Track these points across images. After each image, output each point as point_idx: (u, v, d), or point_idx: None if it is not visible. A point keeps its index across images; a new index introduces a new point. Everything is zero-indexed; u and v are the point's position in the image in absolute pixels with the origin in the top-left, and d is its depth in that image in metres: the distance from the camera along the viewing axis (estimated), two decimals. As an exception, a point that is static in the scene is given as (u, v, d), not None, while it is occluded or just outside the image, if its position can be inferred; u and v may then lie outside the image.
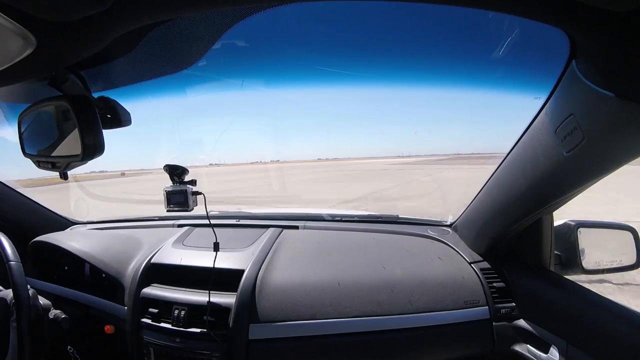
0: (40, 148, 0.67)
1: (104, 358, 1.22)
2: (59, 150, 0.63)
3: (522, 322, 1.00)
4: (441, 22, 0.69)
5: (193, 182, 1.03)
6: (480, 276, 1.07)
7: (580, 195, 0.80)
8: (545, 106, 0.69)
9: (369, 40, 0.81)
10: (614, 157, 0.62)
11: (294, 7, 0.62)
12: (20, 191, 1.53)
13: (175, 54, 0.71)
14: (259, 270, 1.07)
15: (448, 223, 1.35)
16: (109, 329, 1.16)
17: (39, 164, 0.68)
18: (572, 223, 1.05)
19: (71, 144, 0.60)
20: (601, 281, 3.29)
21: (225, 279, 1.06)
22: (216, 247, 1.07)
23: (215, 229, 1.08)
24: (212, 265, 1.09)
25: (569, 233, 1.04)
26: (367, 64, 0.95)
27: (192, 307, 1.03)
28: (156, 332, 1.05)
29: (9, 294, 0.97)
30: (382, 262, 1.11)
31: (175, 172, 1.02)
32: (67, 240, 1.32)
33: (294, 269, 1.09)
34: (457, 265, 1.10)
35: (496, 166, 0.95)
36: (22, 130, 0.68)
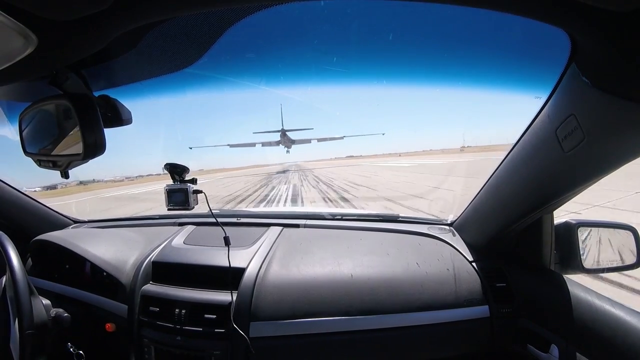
0: (41, 147, 0.66)
1: (105, 356, 1.22)
2: (60, 149, 0.63)
3: (522, 321, 1.00)
4: (442, 22, 0.69)
5: (194, 181, 1.03)
6: (481, 275, 1.07)
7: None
8: (546, 106, 0.69)
9: (367, 37, 0.81)
10: (614, 156, 0.62)
11: (299, 6, 0.62)
12: (22, 190, 1.53)
13: (176, 52, 0.71)
14: (259, 269, 1.07)
15: (448, 222, 1.35)
16: (110, 327, 1.16)
17: (39, 163, 0.67)
18: (573, 222, 1.05)
19: (72, 142, 0.60)
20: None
21: (225, 277, 1.06)
22: (227, 242, 1.09)
23: (215, 227, 1.08)
24: (212, 264, 1.10)
25: (569, 232, 1.03)
26: (362, 61, 0.95)
27: (193, 305, 1.04)
28: (157, 330, 1.06)
29: (1, 280, 0.98)
30: (382, 260, 1.11)
31: (176, 170, 1.02)
32: (67, 238, 1.33)
33: (294, 267, 1.10)
34: (457, 264, 1.10)
35: (496, 165, 0.95)
36: (23, 129, 0.68)
